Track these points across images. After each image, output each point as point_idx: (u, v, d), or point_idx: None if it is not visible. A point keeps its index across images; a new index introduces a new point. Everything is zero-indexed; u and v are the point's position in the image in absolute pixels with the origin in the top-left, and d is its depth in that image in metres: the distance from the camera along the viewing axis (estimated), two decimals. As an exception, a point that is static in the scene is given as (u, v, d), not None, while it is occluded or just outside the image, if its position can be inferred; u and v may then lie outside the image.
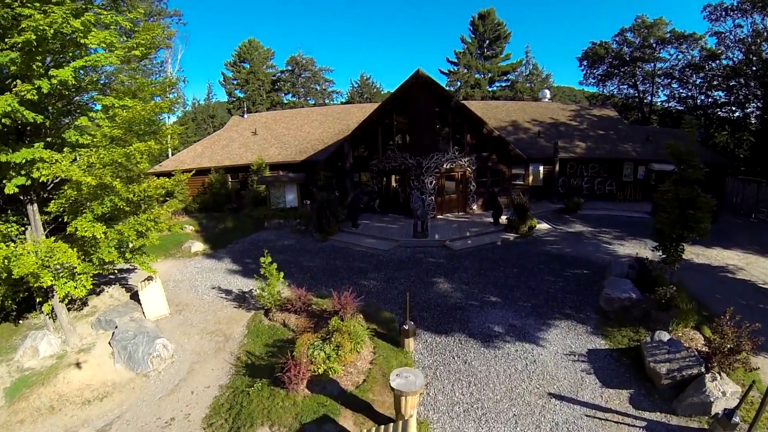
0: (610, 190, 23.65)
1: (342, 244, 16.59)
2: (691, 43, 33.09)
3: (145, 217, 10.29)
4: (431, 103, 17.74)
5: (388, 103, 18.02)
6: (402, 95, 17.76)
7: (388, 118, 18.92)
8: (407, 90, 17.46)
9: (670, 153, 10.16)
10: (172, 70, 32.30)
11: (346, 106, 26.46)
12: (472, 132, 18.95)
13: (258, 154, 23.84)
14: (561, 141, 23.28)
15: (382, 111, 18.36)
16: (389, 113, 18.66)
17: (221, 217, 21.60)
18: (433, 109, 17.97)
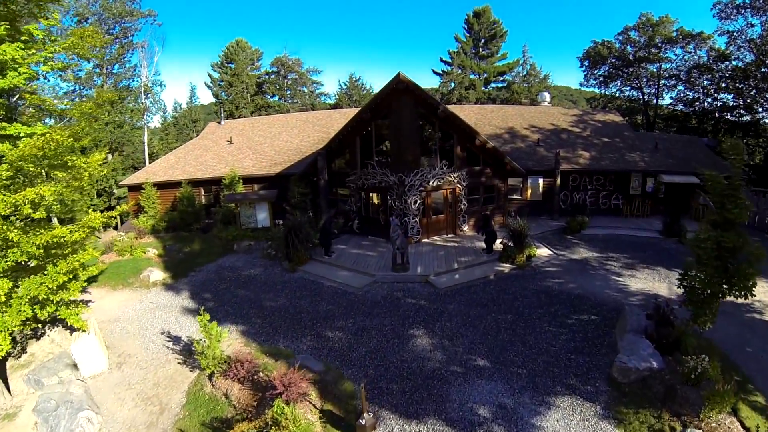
0: (616, 205, 21.27)
1: (312, 277, 14.34)
2: (699, 43, 30.56)
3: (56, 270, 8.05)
4: (415, 112, 15.35)
5: (365, 111, 15.60)
6: (381, 103, 15.37)
7: (366, 128, 16.50)
8: (387, 97, 15.06)
9: (710, 186, 7.71)
10: (148, 74, 29.78)
11: (327, 111, 24.05)
12: (463, 143, 16.54)
13: (232, 165, 21.53)
14: (563, 150, 20.87)
15: (359, 121, 15.96)
16: (367, 123, 16.25)
17: (189, 238, 19.48)
18: (416, 119, 15.58)
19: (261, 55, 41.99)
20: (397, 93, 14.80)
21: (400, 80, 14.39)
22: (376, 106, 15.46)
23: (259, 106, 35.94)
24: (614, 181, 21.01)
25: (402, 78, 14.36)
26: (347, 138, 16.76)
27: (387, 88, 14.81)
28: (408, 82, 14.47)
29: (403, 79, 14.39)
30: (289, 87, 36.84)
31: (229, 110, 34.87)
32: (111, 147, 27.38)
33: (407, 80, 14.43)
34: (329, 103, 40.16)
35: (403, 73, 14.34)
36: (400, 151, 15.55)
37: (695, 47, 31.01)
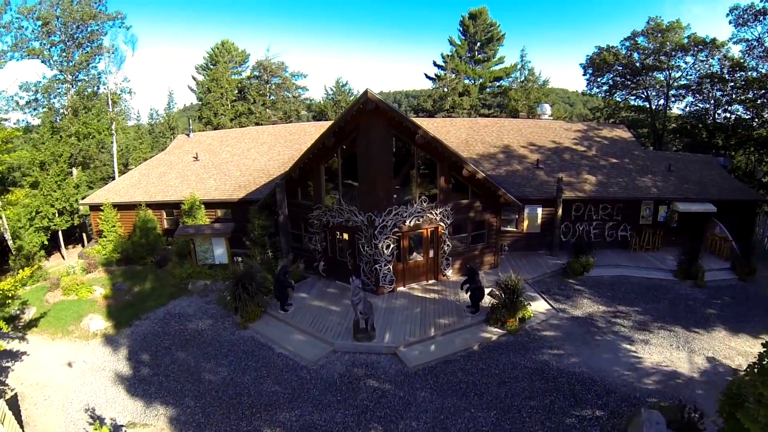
0: (623, 236, 17.75)
1: (263, 339, 11.33)
2: (712, 51, 26.66)
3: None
4: (388, 138, 11.82)
5: (328, 136, 12.03)
6: (347, 126, 11.81)
7: (331, 154, 12.93)
8: (354, 119, 11.50)
9: None
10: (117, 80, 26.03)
11: (301, 125, 20.44)
12: (448, 174, 12.99)
13: (195, 186, 18.14)
14: (566, 174, 17.32)
15: (321, 147, 12.38)
16: (332, 150, 12.67)
17: (141, 274, 16.39)
18: (390, 146, 12.05)
19: (246, 58, 38.08)
20: (366, 115, 11.23)
21: (368, 99, 10.81)
22: (340, 129, 11.87)
23: (239, 113, 32.17)
24: (623, 209, 17.47)
25: (371, 97, 10.78)
26: (310, 165, 13.23)
27: (353, 109, 11.23)
28: (378, 101, 10.89)
29: (371, 98, 10.80)
30: (271, 92, 32.97)
31: (207, 117, 31.17)
32: (74, 161, 23.80)
33: (376, 99, 10.85)
34: (316, 106, 36.25)
35: (371, 91, 10.75)
36: (370, 185, 12.02)
37: (707, 55, 27.13)
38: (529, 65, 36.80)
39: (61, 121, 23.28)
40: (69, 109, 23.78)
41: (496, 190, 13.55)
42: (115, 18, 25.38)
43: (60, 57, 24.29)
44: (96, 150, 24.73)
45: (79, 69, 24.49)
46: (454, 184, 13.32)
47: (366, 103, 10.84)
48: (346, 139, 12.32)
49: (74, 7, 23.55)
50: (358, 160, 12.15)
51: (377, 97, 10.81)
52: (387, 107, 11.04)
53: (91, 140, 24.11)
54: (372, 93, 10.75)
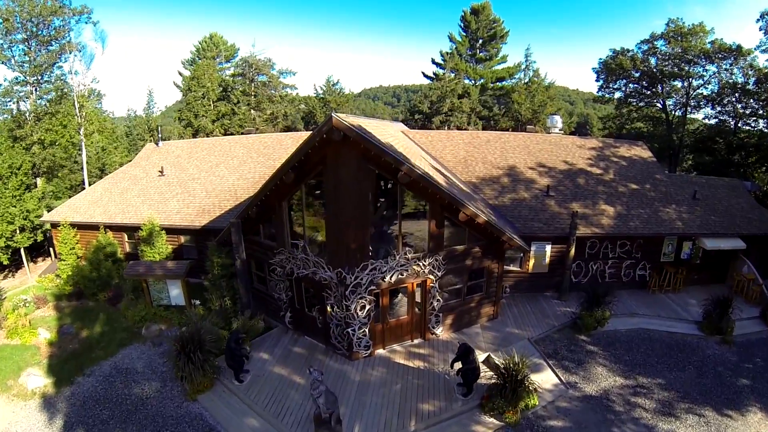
0: (641, 276, 14.69)
1: (210, 419, 8.89)
2: (736, 59, 22.85)
3: None
4: (363, 175, 8.57)
5: (286, 171, 8.81)
6: (311, 158, 8.53)
7: (293, 190, 9.70)
8: (318, 150, 8.22)
9: None
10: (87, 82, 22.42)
11: (277, 136, 17.06)
12: (441, 216, 9.79)
13: (156, 208, 15.07)
14: (580, 204, 14.13)
15: (279, 183, 9.16)
16: (294, 186, 9.44)
17: (93, 312, 13.74)
18: (365, 186, 8.79)
19: (236, 52, 34.13)
20: (333, 146, 8.00)
21: (333, 127, 7.54)
22: (301, 164, 8.63)
23: (222, 114, 28.49)
24: (643, 246, 14.35)
25: (336, 124, 7.51)
26: (269, 202, 10.04)
27: (315, 139, 7.98)
28: (346, 129, 7.63)
29: (338, 126, 7.54)
30: (256, 92, 29.19)
31: (187, 119, 27.56)
32: (37, 171, 20.53)
33: (345, 127, 7.59)
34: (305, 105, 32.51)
35: (338, 116, 7.48)
36: (339, 235, 8.86)
37: (731, 64, 23.35)
38: (534, 66, 32.96)
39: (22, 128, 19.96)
40: (31, 114, 20.41)
41: (500, 235, 10.38)
42: (81, 13, 21.62)
43: (21, 58, 20.81)
44: (63, 157, 21.39)
45: (43, 70, 20.94)
46: (448, 229, 10.15)
47: (331, 132, 7.59)
48: (310, 174, 9.10)
49: (34, 1, 19.84)
50: (326, 203, 8.96)
51: (346, 123, 7.55)
52: (360, 136, 7.78)
53: (56, 148, 20.79)
54: (339, 119, 7.48)
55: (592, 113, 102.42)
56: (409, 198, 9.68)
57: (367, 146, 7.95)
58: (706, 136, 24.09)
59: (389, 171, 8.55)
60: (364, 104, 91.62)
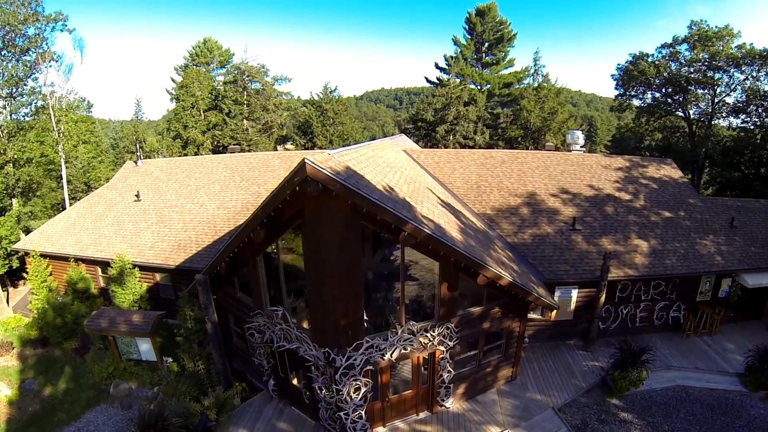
0: (675, 317, 12.47)
1: None
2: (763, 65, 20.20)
3: None
4: (353, 235, 6.31)
5: (254, 227, 6.57)
6: (284, 211, 6.29)
7: (269, 244, 7.49)
8: (293, 201, 5.98)
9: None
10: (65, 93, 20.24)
11: (264, 156, 14.79)
12: (454, 277, 7.54)
13: (129, 240, 13.08)
14: (610, 239, 11.89)
15: (246, 241, 6.96)
16: (267, 243, 7.22)
17: (59, 363, 11.90)
18: (357, 248, 6.51)
19: (230, 57, 31.72)
20: (313, 197, 5.78)
21: (308, 178, 5.31)
22: (271, 219, 6.41)
23: (212, 125, 26.17)
24: (678, 285, 12.12)
25: (313, 173, 5.26)
26: (242, 255, 7.84)
27: (286, 191, 5.74)
28: (326, 180, 5.39)
29: (314, 176, 5.29)
30: (248, 101, 26.76)
31: (176, 130, 25.29)
32: (11, 191, 18.46)
33: (324, 177, 5.34)
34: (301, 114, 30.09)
35: (313, 162, 5.23)
36: (324, 311, 6.66)
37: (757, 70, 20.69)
38: (543, 70, 30.39)
39: None
40: (5, 131, 18.31)
41: (525, 295, 8.14)
42: (56, 20, 19.35)
43: None
44: (41, 175, 19.30)
45: (16, 83, 18.76)
46: (463, 292, 7.91)
47: (306, 184, 5.35)
48: (285, 229, 6.87)
49: (4, 8, 17.61)
50: (306, 269, 6.73)
51: (325, 172, 5.30)
52: (347, 189, 5.54)
53: (31, 166, 18.67)
54: (315, 166, 5.24)
55: (595, 115, 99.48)
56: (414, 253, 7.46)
57: (356, 201, 5.72)
58: (731, 148, 21.57)
59: (389, 230, 6.33)
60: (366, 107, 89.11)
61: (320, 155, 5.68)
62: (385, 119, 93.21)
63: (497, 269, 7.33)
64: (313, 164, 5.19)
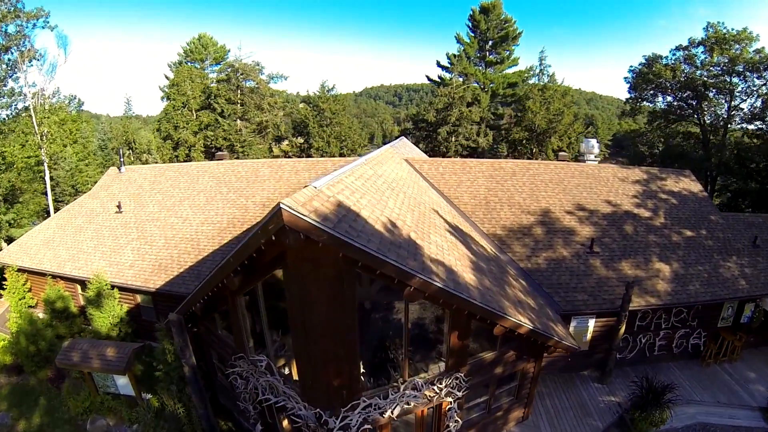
0: (695, 345, 11.49)
1: None
2: None
3: None
4: (347, 286, 5.13)
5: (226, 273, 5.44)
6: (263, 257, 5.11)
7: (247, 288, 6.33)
8: (273, 246, 4.79)
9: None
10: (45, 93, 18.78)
11: (254, 164, 13.53)
12: (466, 326, 6.41)
13: (108, 257, 11.98)
14: (630, 263, 10.81)
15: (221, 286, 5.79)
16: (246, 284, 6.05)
17: (33, 394, 10.77)
18: (352, 301, 5.34)
19: (226, 54, 30.11)
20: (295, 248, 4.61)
21: (285, 227, 4.13)
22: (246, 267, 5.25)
23: (204, 125, 24.71)
24: (700, 312, 11.10)
25: (291, 222, 4.06)
26: (220, 293, 6.69)
27: (261, 239, 4.53)
28: (310, 230, 4.18)
29: (293, 224, 4.09)
30: (242, 100, 25.25)
31: (166, 131, 23.85)
32: None
33: (307, 226, 4.14)
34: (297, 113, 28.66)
35: (289, 208, 4.04)
36: (314, 371, 5.54)
37: None
38: (548, 70, 29.02)
39: None
40: None
41: (545, 341, 7.06)
42: (37, 17, 17.83)
43: None
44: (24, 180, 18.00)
45: None
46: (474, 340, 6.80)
47: (283, 235, 4.17)
48: (265, 274, 5.71)
49: None
50: (291, 325, 5.58)
51: (309, 219, 4.12)
52: (336, 240, 4.35)
53: (12, 171, 17.35)
54: (294, 213, 4.05)
55: (596, 114, 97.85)
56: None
57: (347, 254, 4.53)
58: (746, 157, 20.38)
59: (391, 282, 5.17)
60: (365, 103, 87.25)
61: (304, 192, 4.50)
62: (384, 116, 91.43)
63: (516, 317, 6.21)
64: (291, 210, 3.99)
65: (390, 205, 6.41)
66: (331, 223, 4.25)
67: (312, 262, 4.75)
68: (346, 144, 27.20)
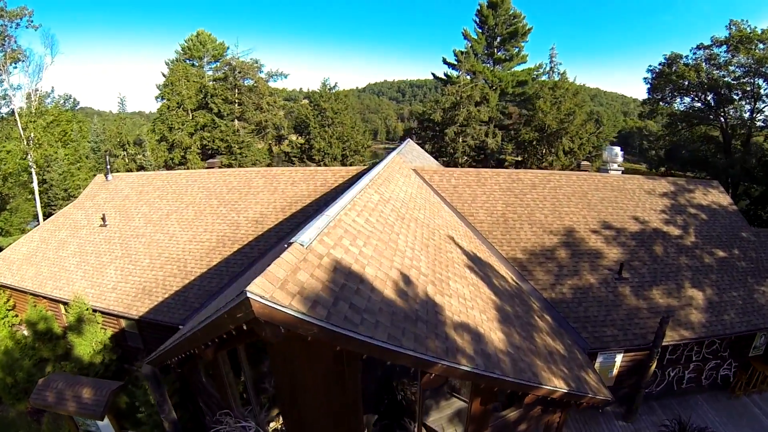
0: (725, 376, 10.44)
1: None
2: None
3: None
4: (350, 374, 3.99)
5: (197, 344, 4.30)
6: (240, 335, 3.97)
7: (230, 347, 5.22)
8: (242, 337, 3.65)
9: None
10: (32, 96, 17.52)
11: (247, 174, 12.29)
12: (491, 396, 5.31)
13: (90, 277, 10.96)
14: (662, 290, 9.70)
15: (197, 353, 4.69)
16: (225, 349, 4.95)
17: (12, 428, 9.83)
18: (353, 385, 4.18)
19: (225, 51, 28.59)
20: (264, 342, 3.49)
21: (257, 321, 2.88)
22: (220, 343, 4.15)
23: (200, 126, 23.38)
24: (733, 342, 10.03)
25: (263, 313, 2.82)
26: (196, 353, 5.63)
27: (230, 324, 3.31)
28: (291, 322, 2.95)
29: (267, 317, 2.86)
30: (239, 99, 23.80)
31: (161, 132, 22.56)
32: None
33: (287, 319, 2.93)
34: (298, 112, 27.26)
35: (259, 298, 2.79)
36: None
37: None
38: (559, 68, 27.47)
39: None
40: None
41: (579, 399, 5.98)
42: (20, 16, 16.50)
43: None
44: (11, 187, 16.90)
45: None
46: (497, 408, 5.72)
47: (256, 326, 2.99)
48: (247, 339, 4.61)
49: None
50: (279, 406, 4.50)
51: (288, 312, 2.96)
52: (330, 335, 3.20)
53: None
54: (267, 304, 2.88)
55: (601, 111, 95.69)
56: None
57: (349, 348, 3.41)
58: (767, 161, 19.02)
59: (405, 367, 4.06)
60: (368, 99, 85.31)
61: (286, 259, 3.31)
62: (387, 112, 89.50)
63: (551, 383, 5.11)
64: (263, 301, 2.83)
65: (401, 246, 5.26)
66: (323, 308, 3.11)
67: (303, 341, 3.64)
68: (349, 145, 25.89)
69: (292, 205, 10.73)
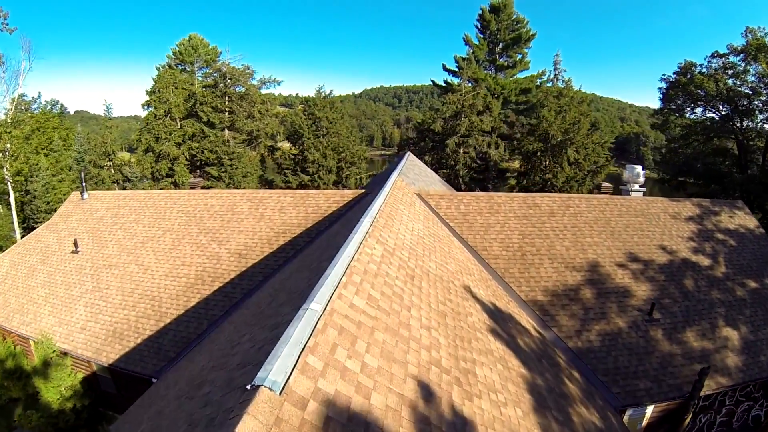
0: (756, 417, 9.51)
1: None
2: None
3: None
4: None
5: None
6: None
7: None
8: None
9: None
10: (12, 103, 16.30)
11: (229, 195, 11.12)
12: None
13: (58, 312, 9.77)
14: (695, 331, 8.67)
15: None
16: None
17: None
18: None
19: (218, 56, 27.33)
20: None
21: None
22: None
23: (189, 136, 22.11)
24: (766, 382, 9.07)
25: None
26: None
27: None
28: None
29: None
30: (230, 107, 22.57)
31: (147, 142, 21.29)
32: None
33: None
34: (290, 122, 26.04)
35: None
36: None
37: None
38: (564, 76, 26.62)
39: None
40: None
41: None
42: None
43: None
44: None
45: None
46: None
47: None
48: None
49: None
50: None
51: None
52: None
53: None
54: None
55: (598, 116, 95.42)
56: None
57: None
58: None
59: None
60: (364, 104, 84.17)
61: (251, 422, 2.17)
62: (384, 118, 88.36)
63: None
64: None
65: (414, 329, 4.11)
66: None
67: None
68: (345, 156, 24.71)
69: (279, 236, 9.56)
